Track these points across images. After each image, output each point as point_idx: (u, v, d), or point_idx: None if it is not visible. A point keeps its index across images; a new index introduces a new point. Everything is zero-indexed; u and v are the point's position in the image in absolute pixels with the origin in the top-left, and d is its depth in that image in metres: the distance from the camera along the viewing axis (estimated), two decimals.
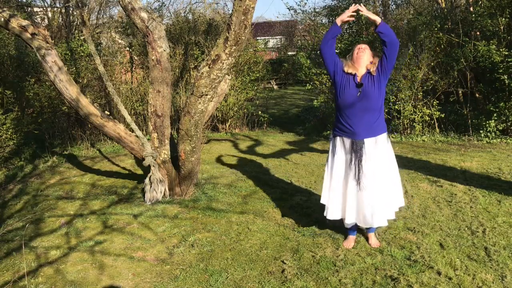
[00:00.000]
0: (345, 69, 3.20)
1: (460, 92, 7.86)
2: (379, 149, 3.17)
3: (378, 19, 3.06)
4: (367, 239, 3.40)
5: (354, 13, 3.17)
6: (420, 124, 7.60)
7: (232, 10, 3.79)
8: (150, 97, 4.63)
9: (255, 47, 9.87)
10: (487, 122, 6.96)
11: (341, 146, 3.25)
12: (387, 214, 3.21)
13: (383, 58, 3.09)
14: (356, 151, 3.14)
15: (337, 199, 3.28)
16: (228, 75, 5.30)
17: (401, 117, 7.67)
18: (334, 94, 3.31)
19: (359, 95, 3.10)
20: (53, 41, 4.68)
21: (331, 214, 3.31)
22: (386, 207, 3.18)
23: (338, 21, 3.18)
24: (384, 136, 3.21)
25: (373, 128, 3.15)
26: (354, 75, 3.15)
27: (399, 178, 3.31)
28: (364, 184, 3.11)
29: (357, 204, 3.17)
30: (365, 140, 3.14)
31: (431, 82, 7.65)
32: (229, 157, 6.76)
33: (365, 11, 3.09)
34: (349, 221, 3.24)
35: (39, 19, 10.22)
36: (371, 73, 3.12)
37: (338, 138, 3.28)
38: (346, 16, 3.16)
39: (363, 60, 3.15)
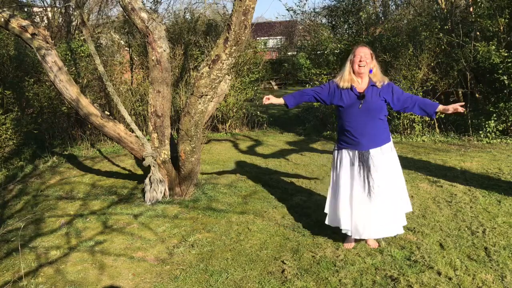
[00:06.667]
0: (341, 84, 3.16)
1: (460, 92, 7.86)
2: (385, 159, 3.15)
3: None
4: (365, 240, 3.40)
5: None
6: (420, 124, 7.60)
7: (232, 11, 3.79)
8: (150, 97, 4.63)
9: (255, 47, 9.85)
10: (487, 122, 6.96)
11: (346, 159, 3.22)
12: (395, 226, 3.19)
13: (393, 98, 3.11)
14: (363, 162, 3.12)
15: (346, 210, 3.22)
16: (228, 75, 5.30)
17: (401, 117, 7.67)
18: (335, 107, 3.27)
19: (361, 106, 3.07)
20: (53, 41, 4.68)
21: (334, 222, 3.32)
22: (395, 218, 3.17)
23: (281, 101, 3.56)
24: (388, 145, 3.20)
25: (378, 138, 3.13)
26: (352, 87, 3.12)
27: (405, 186, 3.30)
28: (375, 194, 3.09)
29: (364, 215, 3.14)
30: (371, 150, 3.13)
31: (431, 82, 7.65)
32: (229, 157, 6.76)
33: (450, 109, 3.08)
34: (355, 236, 3.22)
35: (38, 19, 10.21)
36: (375, 85, 3.09)
37: (343, 151, 3.24)
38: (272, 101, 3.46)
39: (365, 73, 3.12)
